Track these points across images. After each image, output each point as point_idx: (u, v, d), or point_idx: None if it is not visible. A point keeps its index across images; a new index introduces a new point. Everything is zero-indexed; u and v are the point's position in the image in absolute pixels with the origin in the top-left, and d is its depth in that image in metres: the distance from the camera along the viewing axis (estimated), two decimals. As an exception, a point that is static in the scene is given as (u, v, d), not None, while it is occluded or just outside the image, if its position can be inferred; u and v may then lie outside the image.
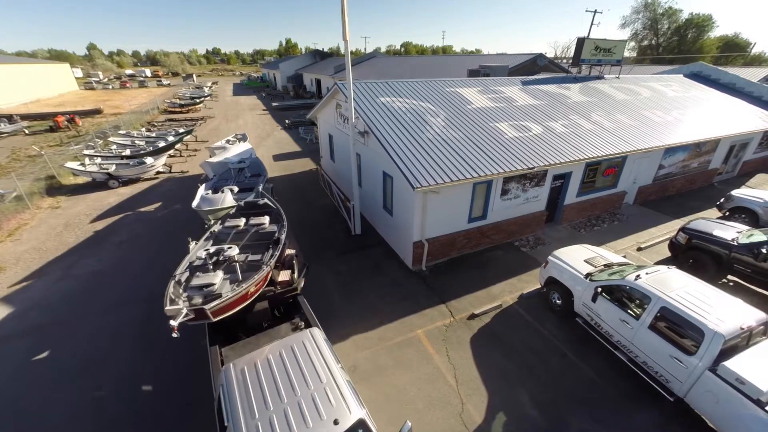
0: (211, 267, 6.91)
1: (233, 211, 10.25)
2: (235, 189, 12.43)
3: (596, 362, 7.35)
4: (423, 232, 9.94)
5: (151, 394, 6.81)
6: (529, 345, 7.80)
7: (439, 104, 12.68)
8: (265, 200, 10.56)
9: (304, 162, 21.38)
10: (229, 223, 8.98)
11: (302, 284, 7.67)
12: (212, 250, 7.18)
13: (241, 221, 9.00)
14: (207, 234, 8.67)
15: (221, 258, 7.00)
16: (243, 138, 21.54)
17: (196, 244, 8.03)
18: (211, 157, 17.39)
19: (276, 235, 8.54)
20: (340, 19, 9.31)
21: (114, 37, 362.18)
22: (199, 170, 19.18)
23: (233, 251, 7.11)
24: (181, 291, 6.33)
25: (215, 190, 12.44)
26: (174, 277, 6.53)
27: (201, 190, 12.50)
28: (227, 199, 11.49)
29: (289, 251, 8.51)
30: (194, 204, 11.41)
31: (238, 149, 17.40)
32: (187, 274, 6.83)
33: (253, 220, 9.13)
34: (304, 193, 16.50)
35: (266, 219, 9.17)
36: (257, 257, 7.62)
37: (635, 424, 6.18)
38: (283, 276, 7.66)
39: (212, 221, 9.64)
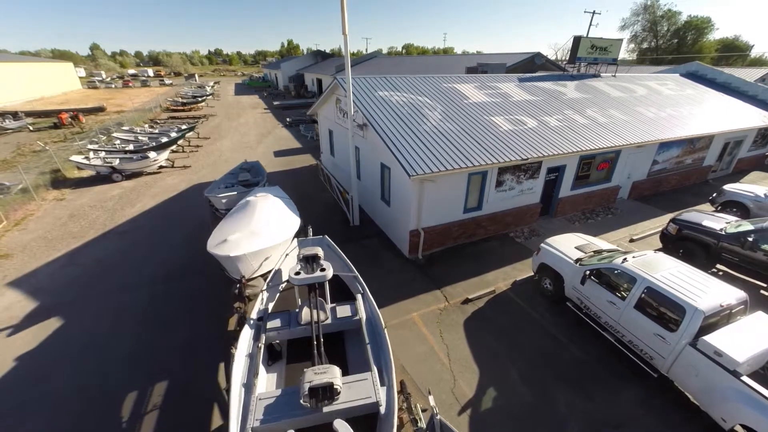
0: None
1: None
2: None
3: (585, 343, 7.59)
4: (419, 222, 10.19)
5: (149, 372, 7.05)
6: (520, 327, 8.04)
7: (437, 99, 12.96)
8: None
9: (304, 158, 21.66)
10: None
11: None
12: None
13: None
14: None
15: None
16: (260, 175, 14.45)
17: None
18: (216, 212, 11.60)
19: None
20: (341, 20, 9.59)
21: (117, 38, 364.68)
22: (197, 170, 19.43)
23: None
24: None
25: None
26: None
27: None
28: None
29: None
30: None
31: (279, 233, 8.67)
32: None
33: None
34: (304, 187, 16.75)
35: None
36: None
37: (621, 399, 6.42)
38: None
39: None
